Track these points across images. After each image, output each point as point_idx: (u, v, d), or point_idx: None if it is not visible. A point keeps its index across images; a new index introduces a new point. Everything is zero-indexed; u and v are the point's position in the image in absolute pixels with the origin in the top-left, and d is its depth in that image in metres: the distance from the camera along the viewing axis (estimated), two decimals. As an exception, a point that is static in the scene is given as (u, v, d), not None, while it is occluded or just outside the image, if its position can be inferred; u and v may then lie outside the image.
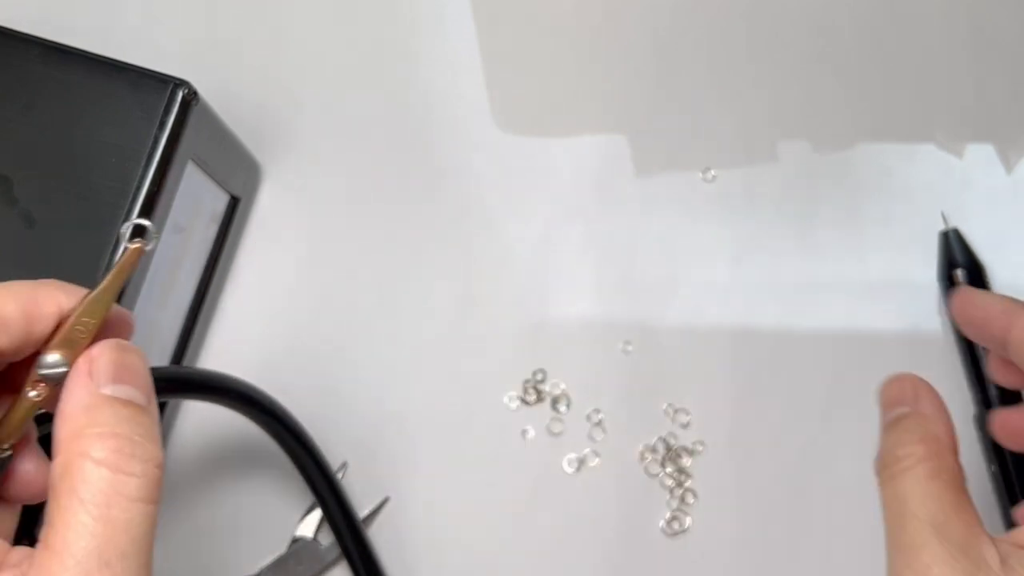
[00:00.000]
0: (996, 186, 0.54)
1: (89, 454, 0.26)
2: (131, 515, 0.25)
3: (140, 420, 0.27)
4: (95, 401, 0.27)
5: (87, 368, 0.27)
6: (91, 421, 0.26)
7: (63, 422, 0.27)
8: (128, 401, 0.27)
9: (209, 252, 0.50)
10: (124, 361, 0.28)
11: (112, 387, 0.27)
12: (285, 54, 0.55)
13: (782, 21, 0.56)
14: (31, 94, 0.41)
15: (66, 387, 0.27)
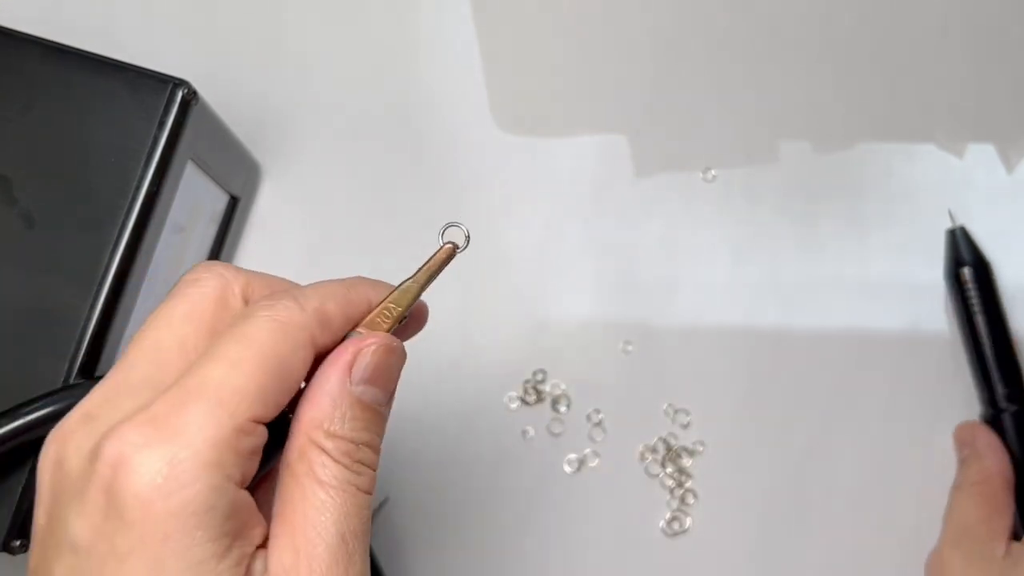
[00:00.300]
0: (997, 186, 0.54)
1: (326, 448, 0.28)
2: (359, 501, 0.28)
3: (371, 426, 0.29)
4: (342, 397, 0.28)
5: (350, 359, 0.29)
6: (332, 417, 0.28)
7: (309, 403, 0.28)
8: (369, 405, 0.29)
9: (209, 252, 0.50)
10: (384, 364, 0.30)
11: (363, 388, 0.29)
12: (285, 54, 0.55)
13: (782, 21, 0.56)
14: (31, 94, 0.41)
15: (324, 368, 0.29)
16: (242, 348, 0.27)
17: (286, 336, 0.28)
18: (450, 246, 0.33)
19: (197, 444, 0.25)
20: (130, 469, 0.25)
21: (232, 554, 0.26)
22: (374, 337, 0.30)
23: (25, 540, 0.38)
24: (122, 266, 0.39)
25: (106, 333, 0.39)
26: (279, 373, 0.27)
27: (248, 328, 0.28)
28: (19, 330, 0.39)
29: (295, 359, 0.28)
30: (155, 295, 0.44)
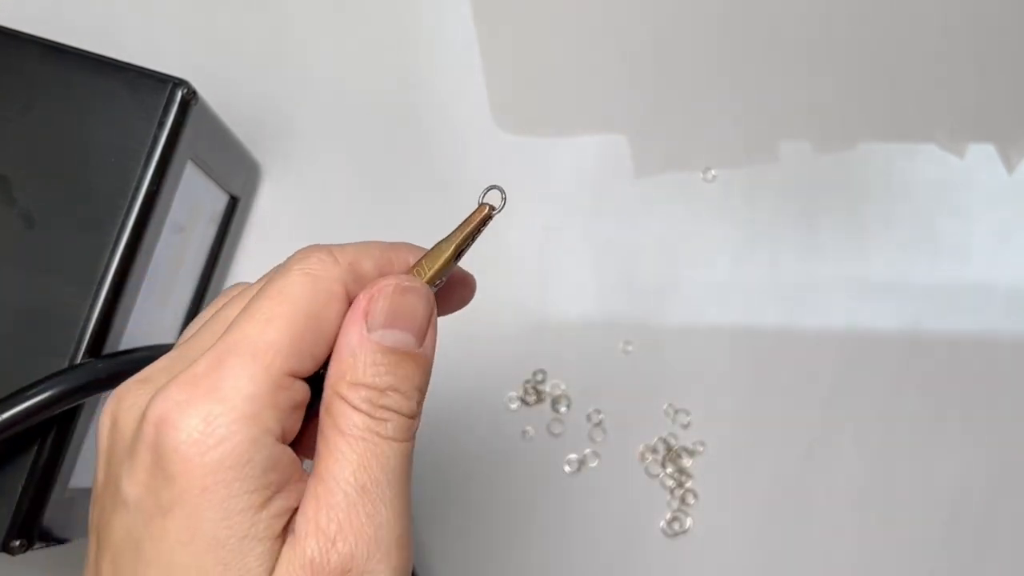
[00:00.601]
0: (997, 185, 0.54)
1: (348, 398, 0.27)
2: (383, 449, 0.28)
3: (396, 369, 0.28)
4: (361, 346, 0.28)
5: (365, 306, 0.29)
6: (353, 367, 0.28)
7: (334, 359, 0.28)
8: (393, 349, 0.28)
9: (209, 252, 0.50)
10: (400, 305, 0.29)
11: (381, 332, 0.28)
12: (285, 54, 0.55)
13: (782, 21, 0.56)
14: (30, 94, 0.41)
15: (344, 323, 0.29)
16: (275, 304, 0.28)
17: (318, 289, 0.28)
18: (486, 206, 0.32)
19: (234, 399, 0.26)
20: (171, 426, 0.26)
21: (273, 506, 0.26)
22: (386, 279, 0.29)
23: (25, 540, 0.38)
24: (122, 266, 0.39)
25: (106, 333, 0.39)
26: (313, 327, 0.28)
27: (282, 283, 0.29)
28: (19, 330, 0.39)
29: (329, 312, 0.28)
30: (155, 295, 0.44)
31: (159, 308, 0.45)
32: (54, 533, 0.40)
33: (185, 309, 0.49)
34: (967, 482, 0.51)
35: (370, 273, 0.30)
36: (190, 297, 0.49)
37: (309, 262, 0.29)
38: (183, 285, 0.48)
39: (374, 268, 0.30)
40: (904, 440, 0.51)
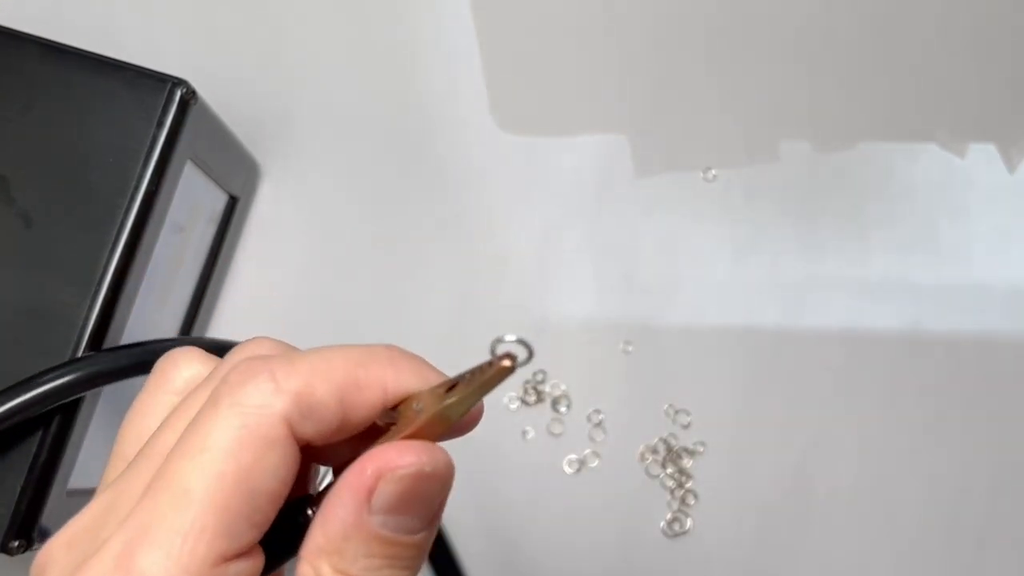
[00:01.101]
0: (998, 185, 0.54)
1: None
2: None
3: (395, 561, 0.24)
4: (358, 530, 0.23)
5: (370, 484, 0.23)
6: (343, 552, 0.23)
7: (321, 525, 0.23)
8: (393, 541, 0.23)
9: (208, 252, 0.50)
10: (416, 492, 0.24)
11: (384, 518, 0.23)
12: (284, 53, 0.55)
13: (783, 20, 0.56)
14: (29, 93, 0.41)
15: (340, 488, 0.23)
16: (195, 466, 0.22)
17: (252, 440, 0.23)
18: (507, 364, 0.24)
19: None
20: None
21: None
22: (405, 454, 0.23)
23: (24, 540, 0.38)
24: (121, 266, 0.39)
25: (105, 333, 0.39)
26: (247, 490, 0.22)
27: (205, 430, 0.23)
28: (17, 330, 0.39)
29: (266, 465, 0.23)
30: (154, 295, 0.44)
31: (158, 308, 0.45)
32: (53, 533, 0.40)
33: (184, 309, 0.49)
34: (967, 482, 0.51)
35: (326, 403, 0.23)
36: (189, 297, 0.49)
37: (241, 395, 0.23)
38: (182, 285, 0.48)
39: (332, 395, 0.24)
40: (904, 440, 0.51)
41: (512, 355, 0.24)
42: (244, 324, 0.52)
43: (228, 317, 0.52)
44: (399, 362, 0.25)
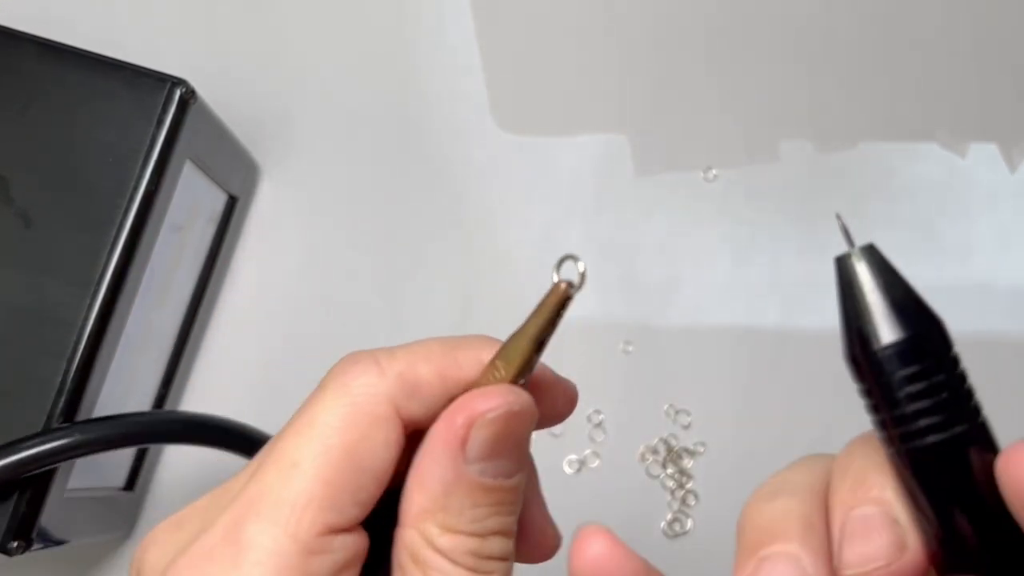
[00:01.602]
0: (1000, 185, 0.54)
1: (445, 551, 0.23)
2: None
3: (501, 508, 0.24)
4: (458, 483, 0.23)
5: (462, 434, 0.23)
6: (447, 508, 0.23)
7: (419, 488, 0.23)
8: (494, 488, 0.24)
9: (207, 252, 0.50)
10: (506, 432, 0.24)
11: (482, 465, 0.23)
12: (284, 52, 0.55)
13: (783, 20, 0.56)
14: (28, 93, 0.41)
15: (431, 443, 0.24)
16: (303, 441, 0.23)
17: (358, 417, 0.23)
18: (564, 286, 0.25)
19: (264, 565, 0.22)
20: None
21: None
22: (490, 398, 0.24)
23: (23, 541, 0.38)
24: (120, 266, 0.39)
25: (103, 333, 0.39)
26: (353, 466, 0.23)
27: (313, 410, 0.24)
28: (16, 330, 0.39)
29: (372, 444, 0.23)
30: (153, 295, 0.44)
31: (157, 308, 0.45)
32: (52, 534, 0.40)
33: (184, 309, 0.49)
34: (968, 483, 0.51)
35: (429, 381, 0.24)
36: (189, 297, 0.49)
37: (349, 377, 0.24)
38: (181, 285, 0.48)
39: (434, 373, 0.25)
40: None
41: (568, 280, 0.25)
42: (243, 324, 0.52)
43: (227, 317, 0.52)
44: (489, 343, 0.26)
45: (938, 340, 0.22)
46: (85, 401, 0.39)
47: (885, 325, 0.22)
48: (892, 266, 0.23)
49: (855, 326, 0.22)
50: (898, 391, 0.21)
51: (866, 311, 0.22)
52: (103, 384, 0.41)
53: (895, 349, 0.21)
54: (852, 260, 0.23)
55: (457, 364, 0.25)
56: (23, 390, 0.38)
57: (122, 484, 0.47)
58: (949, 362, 0.21)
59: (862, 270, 0.23)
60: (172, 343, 0.48)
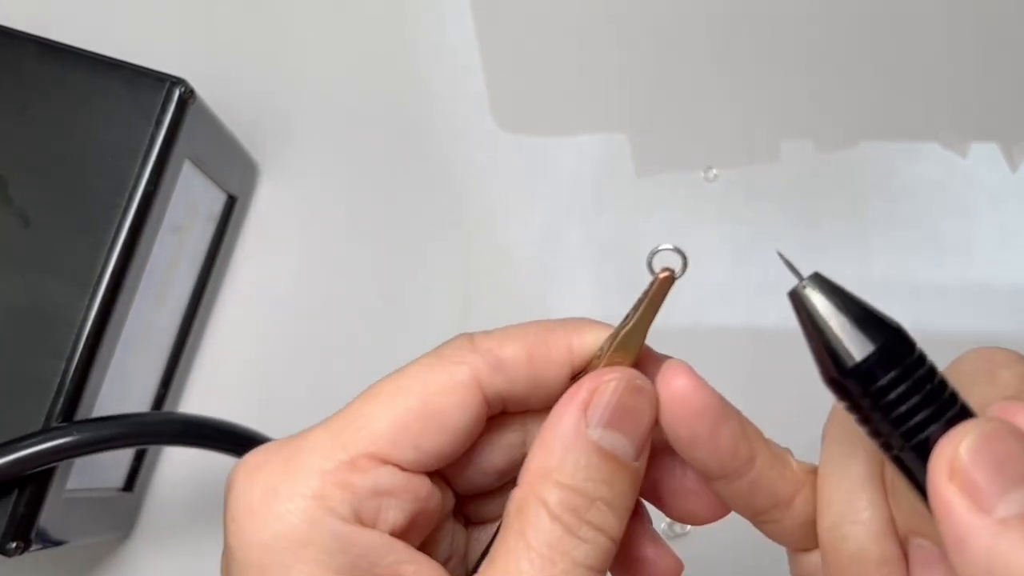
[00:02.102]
0: (1001, 185, 0.54)
1: (547, 502, 0.24)
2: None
3: (615, 481, 0.24)
4: (577, 443, 0.24)
5: (586, 397, 0.25)
6: (562, 465, 0.24)
7: (539, 447, 0.25)
8: (611, 455, 0.24)
9: (206, 252, 0.50)
10: (630, 404, 0.25)
11: (602, 432, 0.25)
12: (283, 52, 0.55)
13: (784, 18, 0.56)
14: (26, 93, 0.40)
15: (558, 407, 0.25)
16: (389, 381, 0.25)
17: (439, 373, 0.25)
18: (666, 274, 0.27)
19: (301, 472, 0.24)
20: (235, 493, 0.24)
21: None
22: (615, 372, 0.26)
23: (22, 542, 0.38)
24: (118, 266, 0.39)
25: (102, 333, 0.39)
26: (423, 411, 0.25)
27: (407, 366, 0.26)
28: (15, 330, 0.39)
29: (448, 400, 0.25)
30: (152, 294, 0.44)
31: (156, 308, 0.45)
32: (51, 535, 0.40)
33: (183, 309, 0.49)
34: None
35: (515, 357, 0.26)
36: (188, 297, 0.49)
37: (442, 348, 0.26)
38: (180, 285, 0.48)
39: (521, 351, 0.26)
40: (906, 441, 0.51)
41: (669, 268, 0.27)
42: (243, 324, 0.52)
43: (227, 317, 0.52)
44: (584, 326, 0.28)
45: (906, 342, 0.23)
46: (84, 401, 0.39)
47: (854, 343, 0.23)
48: (842, 287, 0.25)
49: (827, 351, 0.24)
50: (885, 397, 0.22)
51: (832, 334, 0.24)
52: (102, 384, 0.41)
53: (872, 361, 0.23)
54: (805, 291, 0.25)
55: (546, 345, 0.27)
56: (22, 390, 0.38)
57: (121, 485, 0.47)
58: (921, 359, 0.23)
59: (817, 298, 0.25)
60: (171, 343, 0.48)
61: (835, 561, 0.25)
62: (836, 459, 0.27)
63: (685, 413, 0.26)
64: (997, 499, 0.20)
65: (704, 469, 0.26)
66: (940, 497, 0.21)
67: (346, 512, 0.24)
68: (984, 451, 0.21)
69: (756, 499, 0.27)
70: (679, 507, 0.28)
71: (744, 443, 0.27)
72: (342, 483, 0.24)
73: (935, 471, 0.21)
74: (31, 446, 0.37)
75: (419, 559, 0.25)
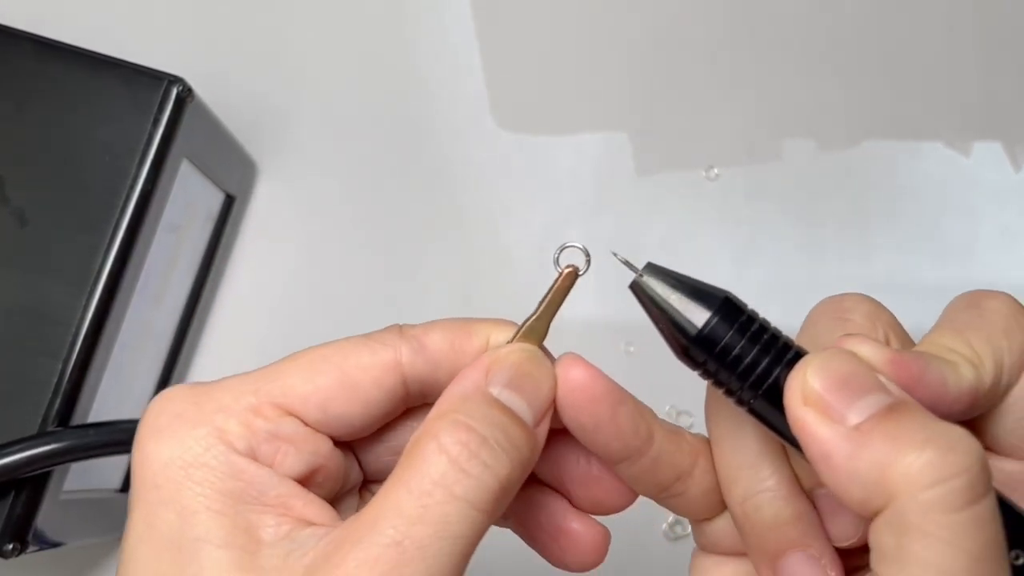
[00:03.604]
0: (1003, 184, 0.54)
1: (438, 436, 0.24)
2: (447, 511, 0.24)
3: (510, 431, 0.25)
4: (477, 395, 0.26)
5: (488, 363, 0.27)
6: (458, 408, 0.25)
7: (440, 401, 0.26)
8: (507, 409, 0.26)
9: (204, 251, 0.50)
10: (529, 371, 0.27)
11: (500, 390, 0.26)
12: (281, 50, 0.55)
13: (786, 18, 0.56)
14: (23, 91, 0.40)
15: (461, 373, 0.27)
16: (312, 350, 0.27)
17: (363, 350, 0.27)
18: (571, 270, 0.30)
19: (208, 406, 0.26)
20: (145, 420, 0.26)
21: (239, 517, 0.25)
22: (517, 345, 0.28)
23: (18, 544, 0.38)
24: (116, 266, 0.39)
25: (100, 334, 0.39)
26: (338, 380, 0.26)
27: (338, 340, 0.27)
28: (11, 331, 0.38)
29: (365, 375, 0.27)
30: (149, 295, 0.43)
31: (153, 308, 0.45)
32: (48, 536, 0.40)
33: (180, 308, 0.49)
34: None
35: (438, 344, 0.28)
36: (186, 296, 0.49)
37: (373, 334, 0.28)
38: (178, 285, 0.48)
39: (444, 339, 0.28)
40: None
41: (573, 264, 0.30)
42: (240, 324, 0.52)
43: (225, 317, 0.51)
44: (503, 323, 0.30)
45: (736, 305, 0.26)
46: (81, 402, 0.39)
47: (693, 314, 0.26)
48: (674, 271, 0.28)
49: (672, 326, 0.27)
50: (730, 355, 0.25)
51: (673, 311, 0.27)
52: (99, 385, 0.40)
53: (710, 326, 0.26)
54: (643, 279, 0.28)
55: (468, 335, 0.28)
56: (18, 391, 0.38)
57: (118, 486, 0.47)
58: (752, 318, 0.26)
59: (655, 284, 0.28)
60: (169, 343, 0.48)
61: (752, 530, 0.27)
62: (727, 436, 0.28)
63: (585, 400, 0.27)
64: (847, 409, 0.23)
65: (608, 453, 0.27)
66: (798, 421, 0.23)
67: (242, 447, 0.25)
68: (827, 372, 0.23)
69: (660, 474, 0.28)
70: (587, 496, 0.29)
71: (642, 422, 0.28)
72: (244, 422, 0.26)
73: (790, 401, 0.23)
74: (23, 451, 0.36)
75: (309, 497, 0.26)
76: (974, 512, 0.21)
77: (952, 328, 0.28)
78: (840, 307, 0.29)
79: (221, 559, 0.24)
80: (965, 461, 0.21)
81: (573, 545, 0.30)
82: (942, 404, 0.24)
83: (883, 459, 0.22)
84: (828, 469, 0.23)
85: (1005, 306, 0.27)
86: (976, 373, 0.26)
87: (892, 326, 0.29)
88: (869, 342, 0.25)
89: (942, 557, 0.21)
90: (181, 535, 0.25)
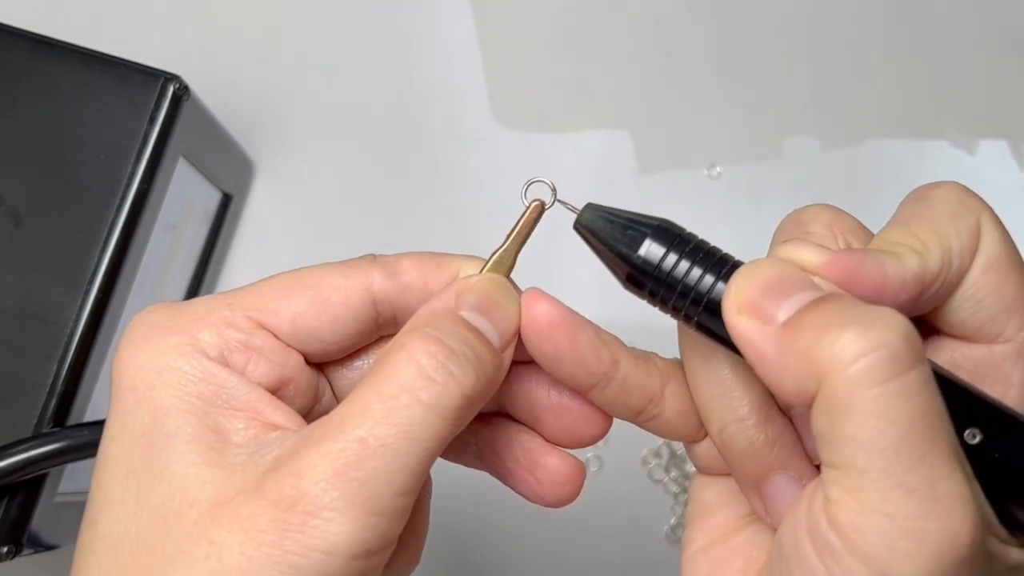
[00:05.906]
0: (1008, 183, 0.54)
1: (407, 346, 0.25)
2: (411, 414, 0.25)
3: (477, 348, 0.26)
4: (446, 313, 0.27)
5: (458, 289, 0.28)
6: (427, 323, 0.26)
7: (412, 320, 0.27)
8: (475, 329, 0.27)
9: (201, 250, 0.50)
10: (496, 298, 0.28)
11: (469, 312, 0.27)
12: (279, 48, 0.55)
13: (789, 16, 0.56)
14: (17, 89, 0.40)
15: (433, 297, 0.28)
16: (288, 273, 0.29)
17: (335, 274, 0.28)
18: (538, 203, 0.31)
19: (183, 318, 0.27)
20: (125, 333, 0.27)
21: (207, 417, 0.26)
22: (484, 274, 0.29)
23: (13, 546, 0.37)
24: (112, 265, 0.39)
25: (95, 334, 0.39)
26: (309, 297, 0.28)
27: (313, 265, 0.29)
28: (6, 331, 0.38)
29: (337, 295, 0.28)
30: (145, 294, 0.43)
31: (150, 308, 0.45)
32: (43, 539, 0.40)
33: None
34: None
35: (409, 270, 0.29)
36: (182, 296, 0.49)
37: (350, 259, 0.29)
38: (175, 284, 0.48)
39: (415, 266, 0.29)
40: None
41: (539, 199, 0.31)
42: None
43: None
44: (472, 258, 0.30)
45: (671, 228, 0.28)
46: (77, 403, 0.39)
47: (632, 242, 0.28)
48: (612, 208, 0.29)
49: (615, 256, 0.28)
50: (670, 274, 0.27)
51: (614, 241, 0.28)
52: (95, 386, 0.40)
53: (648, 249, 0.27)
54: (584, 217, 0.29)
55: (439, 265, 0.29)
56: (13, 392, 0.38)
57: (115, 488, 0.47)
58: (687, 239, 0.27)
59: (595, 220, 0.29)
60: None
61: (732, 458, 0.28)
62: (698, 369, 0.28)
63: (544, 327, 0.27)
64: (776, 309, 0.24)
65: (575, 381, 0.28)
66: (735, 328, 0.24)
67: (215, 354, 0.27)
68: (755, 278, 0.24)
69: (630, 398, 0.28)
70: (560, 427, 0.30)
71: (604, 348, 0.28)
72: (217, 332, 0.27)
73: (727, 311, 0.24)
74: (19, 453, 0.36)
75: (278, 404, 0.27)
76: (900, 384, 0.22)
77: (898, 222, 0.28)
78: (800, 219, 0.29)
79: (189, 453, 0.25)
80: (886, 335, 0.22)
81: (549, 478, 0.31)
82: (887, 294, 0.25)
83: (810, 346, 0.22)
84: (763, 367, 0.23)
85: (951, 192, 0.28)
86: (920, 260, 0.26)
87: (854, 231, 0.30)
88: (805, 246, 0.26)
89: (870, 431, 0.22)
90: (152, 431, 0.26)
